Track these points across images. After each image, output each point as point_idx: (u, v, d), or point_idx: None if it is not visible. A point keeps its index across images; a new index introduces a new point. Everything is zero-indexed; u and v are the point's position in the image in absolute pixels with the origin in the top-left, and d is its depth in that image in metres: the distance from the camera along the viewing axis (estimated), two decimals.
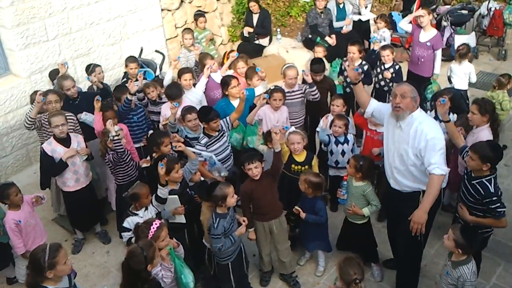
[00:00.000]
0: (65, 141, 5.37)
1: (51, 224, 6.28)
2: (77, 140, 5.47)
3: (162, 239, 4.07)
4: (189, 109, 5.62)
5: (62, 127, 5.26)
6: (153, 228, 4.05)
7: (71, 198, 5.60)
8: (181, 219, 4.86)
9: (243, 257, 4.83)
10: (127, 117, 6.03)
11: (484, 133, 5.06)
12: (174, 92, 5.98)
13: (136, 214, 4.66)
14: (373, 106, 4.75)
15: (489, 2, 9.77)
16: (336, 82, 7.05)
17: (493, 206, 4.21)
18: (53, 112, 5.44)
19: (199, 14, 8.81)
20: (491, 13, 9.62)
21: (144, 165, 5.50)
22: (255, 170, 4.64)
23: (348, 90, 7.06)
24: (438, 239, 5.26)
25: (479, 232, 4.23)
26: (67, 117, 5.70)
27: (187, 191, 4.95)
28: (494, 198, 4.20)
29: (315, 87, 6.14)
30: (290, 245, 5.16)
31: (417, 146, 4.19)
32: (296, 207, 4.99)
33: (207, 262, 4.94)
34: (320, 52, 7.13)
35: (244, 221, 4.61)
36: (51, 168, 5.44)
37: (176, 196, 4.76)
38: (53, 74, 6.70)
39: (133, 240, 4.39)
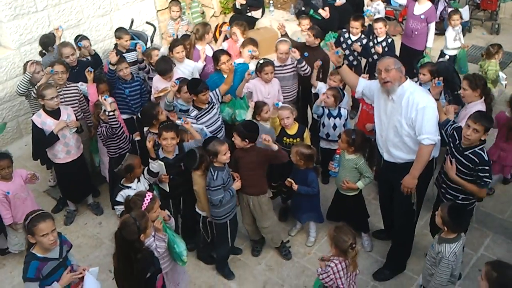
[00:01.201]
0: (55, 113, 5.33)
1: (42, 196, 6.28)
2: (67, 113, 5.42)
3: (155, 211, 4.10)
4: (184, 81, 5.63)
5: (57, 99, 5.26)
6: (147, 200, 4.08)
7: (62, 170, 5.59)
8: (165, 186, 4.91)
9: (237, 219, 4.98)
10: (118, 88, 5.98)
11: (477, 107, 5.05)
12: (163, 67, 5.93)
13: (129, 187, 4.68)
14: (363, 85, 4.77)
15: None
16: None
17: (482, 174, 4.25)
18: (43, 85, 5.38)
19: None
20: None
21: (137, 138, 5.49)
22: (234, 139, 4.78)
23: (355, 63, 7.15)
24: (427, 211, 5.30)
25: (468, 214, 4.25)
26: (72, 87, 5.76)
27: (180, 165, 4.96)
28: (487, 167, 4.24)
29: (304, 63, 6.09)
30: (272, 224, 5.12)
31: (409, 116, 4.22)
32: (289, 179, 5.03)
33: (203, 230, 5.01)
34: (305, 24, 7.09)
35: (237, 176, 4.79)
36: (41, 141, 5.41)
37: (162, 163, 4.80)
38: (44, 40, 6.57)
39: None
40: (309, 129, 6.17)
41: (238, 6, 9.44)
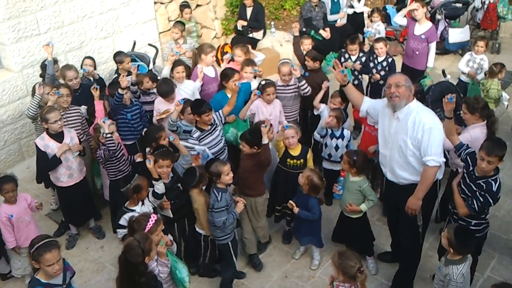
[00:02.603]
0: (58, 136, 5.32)
1: (44, 219, 6.22)
2: (70, 136, 5.42)
3: (157, 233, 4.07)
4: (188, 102, 5.64)
5: (60, 122, 5.26)
6: (152, 221, 4.06)
7: (65, 194, 5.56)
8: (168, 213, 4.87)
9: (236, 239, 5.02)
10: (120, 113, 5.96)
11: (474, 131, 5.01)
12: (165, 88, 5.93)
13: (133, 210, 4.62)
14: (367, 104, 4.76)
15: None
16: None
17: (479, 198, 4.15)
18: (46, 108, 5.38)
19: (185, 5, 8.72)
20: (485, 6, 9.63)
21: (139, 159, 5.48)
22: (243, 147, 5.04)
23: (356, 82, 7.17)
24: (431, 233, 5.31)
25: (474, 236, 4.16)
26: (74, 110, 5.78)
27: (178, 186, 4.94)
28: (489, 198, 4.12)
29: (304, 81, 6.11)
30: (265, 222, 5.39)
31: (415, 136, 4.20)
32: (291, 201, 5.01)
33: (203, 249, 5.00)
34: (307, 44, 7.14)
35: (241, 200, 4.85)
36: (44, 164, 5.39)
37: None
38: (46, 63, 6.56)
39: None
40: (311, 149, 6.16)
41: (239, 27, 9.50)
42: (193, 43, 7.90)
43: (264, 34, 9.78)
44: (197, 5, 9.54)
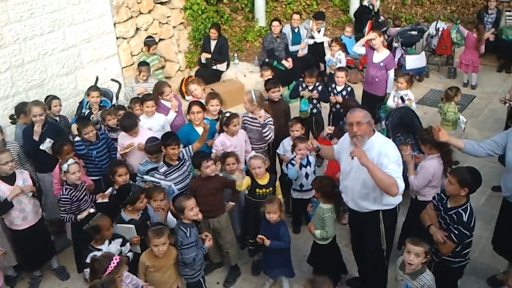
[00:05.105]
0: (10, 179, 5.13)
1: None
2: (23, 177, 5.23)
3: (119, 275, 4.00)
4: (149, 141, 5.57)
5: (11, 163, 5.09)
6: (113, 263, 3.98)
7: (19, 237, 5.30)
8: (136, 249, 4.78)
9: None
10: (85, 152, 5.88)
11: (430, 163, 5.07)
12: (128, 122, 5.90)
13: (99, 249, 4.48)
14: (335, 151, 4.84)
15: (437, 23, 10.16)
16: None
17: (454, 231, 4.22)
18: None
19: (152, 42, 8.72)
20: (440, 33, 10.00)
21: (100, 200, 5.33)
22: (209, 169, 5.08)
23: (315, 111, 7.21)
24: (400, 255, 5.33)
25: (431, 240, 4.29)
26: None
27: (147, 224, 4.87)
28: (462, 229, 4.19)
29: (267, 128, 6.02)
30: (233, 238, 5.45)
31: (380, 162, 4.17)
32: (259, 235, 4.92)
33: None
34: (267, 76, 7.26)
35: (206, 236, 4.76)
36: None
37: (133, 226, 4.71)
38: (20, 106, 6.36)
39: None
40: (279, 178, 6.18)
41: (203, 60, 9.61)
42: (154, 82, 7.60)
43: (228, 65, 9.92)
44: (160, 39, 9.60)
